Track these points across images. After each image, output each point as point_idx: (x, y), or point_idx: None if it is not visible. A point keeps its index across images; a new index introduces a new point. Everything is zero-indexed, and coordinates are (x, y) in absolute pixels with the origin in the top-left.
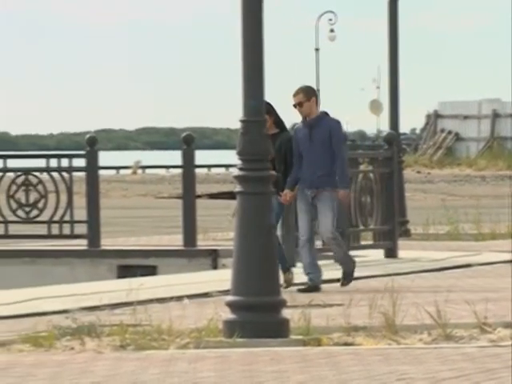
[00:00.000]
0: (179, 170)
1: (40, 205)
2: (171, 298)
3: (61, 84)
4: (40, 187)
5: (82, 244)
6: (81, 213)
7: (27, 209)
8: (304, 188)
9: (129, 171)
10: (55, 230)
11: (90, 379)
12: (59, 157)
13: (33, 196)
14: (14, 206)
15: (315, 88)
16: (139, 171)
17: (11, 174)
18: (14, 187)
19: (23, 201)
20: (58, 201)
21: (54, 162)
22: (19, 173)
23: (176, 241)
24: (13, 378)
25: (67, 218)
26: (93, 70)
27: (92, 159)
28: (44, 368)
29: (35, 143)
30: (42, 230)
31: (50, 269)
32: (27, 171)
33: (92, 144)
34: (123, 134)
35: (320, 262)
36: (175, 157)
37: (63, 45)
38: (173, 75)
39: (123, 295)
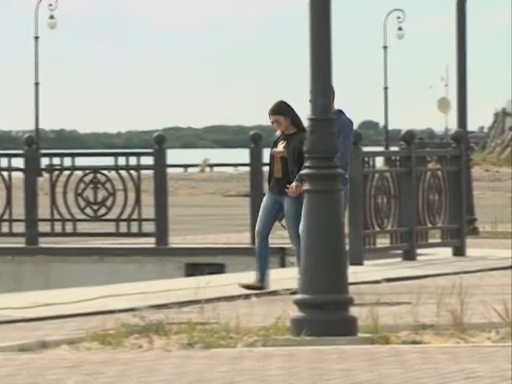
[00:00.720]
0: (247, 168)
1: (108, 203)
2: (239, 296)
3: (129, 82)
4: (108, 185)
5: (150, 242)
6: (149, 211)
7: (95, 207)
8: None
9: (197, 169)
10: (123, 228)
11: (157, 377)
12: (127, 155)
13: (101, 194)
14: (83, 204)
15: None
16: (207, 169)
17: (79, 173)
18: (82, 185)
19: (91, 199)
20: (126, 199)
21: (122, 160)
22: (87, 171)
23: (244, 239)
24: (81, 376)
25: (135, 216)
26: (161, 68)
27: (160, 157)
28: (112, 366)
29: (103, 141)
30: (110, 228)
31: (118, 267)
32: (95, 169)
33: (160, 142)
34: (191, 131)
35: (387, 260)
36: (243, 155)
37: (133, 42)
38: (241, 73)
39: (191, 293)
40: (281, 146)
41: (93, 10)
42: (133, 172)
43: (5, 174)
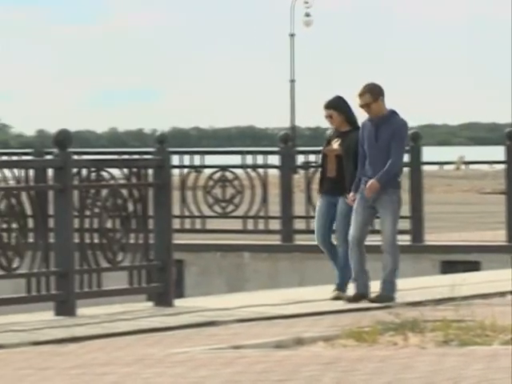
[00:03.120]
0: (502, 166)
1: None
2: (494, 294)
3: (391, 78)
4: None
5: (405, 239)
6: (404, 208)
7: None
8: (364, 190)
9: (452, 167)
10: (377, 225)
11: (412, 374)
12: None
13: None
14: None
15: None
16: (462, 167)
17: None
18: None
19: None
20: None
21: None
22: None
23: (499, 236)
24: (337, 373)
25: None
26: (417, 66)
27: (416, 154)
28: (367, 363)
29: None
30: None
31: (373, 264)
32: None
33: (416, 139)
34: (446, 129)
35: None
36: (498, 152)
37: (389, 40)
38: (492, 69)
39: (446, 291)
40: (335, 144)
41: (349, 7)
42: None
43: (261, 171)
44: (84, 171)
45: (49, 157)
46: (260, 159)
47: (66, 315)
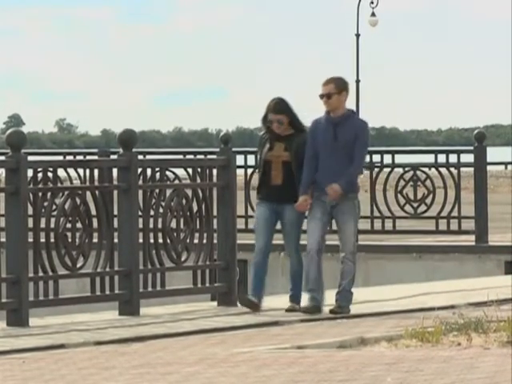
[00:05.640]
0: None
1: (428, 200)
2: None
3: (442, 79)
4: (428, 183)
5: (469, 240)
6: (468, 208)
7: (415, 204)
8: (322, 195)
9: None
10: (443, 225)
11: (476, 375)
12: (447, 152)
13: (420, 192)
14: (402, 201)
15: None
16: None
17: (399, 170)
18: (402, 182)
19: (411, 196)
20: (445, 196)
21: (442, 158)
22: (407, 168)
23: None
24: (400, 373)
25: (455, 213)
26: (480, 67)
27: (480, 155)
28: (430, 363)
29: (424, 139)
30: (429, 225)
31: (437, 264)
32: (415, 167)
33: (480, 139)
34: None
35: None
36: None
37: (454, 40)
38: None
39: (510, 291)
40: (280, 149)
41: (415, 7)
42: (452, 169)
43: None
44: (149, 171)
45: (114, 157)
46: None
47: (130, 315)
